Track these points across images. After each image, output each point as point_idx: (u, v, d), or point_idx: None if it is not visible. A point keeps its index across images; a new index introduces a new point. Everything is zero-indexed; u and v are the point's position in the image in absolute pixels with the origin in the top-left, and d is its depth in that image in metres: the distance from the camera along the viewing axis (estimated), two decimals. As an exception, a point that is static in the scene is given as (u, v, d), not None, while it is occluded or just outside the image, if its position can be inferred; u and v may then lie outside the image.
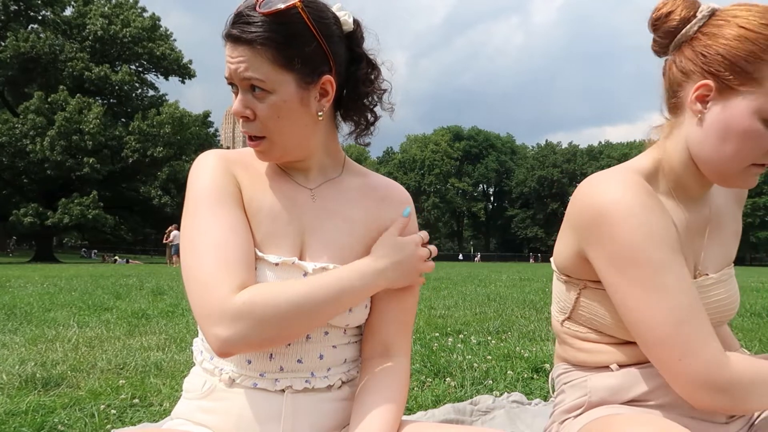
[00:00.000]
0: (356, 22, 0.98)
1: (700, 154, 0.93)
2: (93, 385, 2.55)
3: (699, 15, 0.92)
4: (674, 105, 0.97)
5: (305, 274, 0.94)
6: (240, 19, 0.88)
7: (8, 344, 3.63)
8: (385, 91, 1.03)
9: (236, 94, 0.92)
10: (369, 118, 1.04)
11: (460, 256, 59.85)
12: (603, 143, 69.31)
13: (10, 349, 3.48)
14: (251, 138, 0.94)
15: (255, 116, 0.91)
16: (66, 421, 2.05)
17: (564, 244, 1.02)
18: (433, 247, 1.02)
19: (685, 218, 0.98)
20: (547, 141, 73.43)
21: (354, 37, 0.98)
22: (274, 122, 0.91)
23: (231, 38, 0.89)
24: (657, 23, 0.96)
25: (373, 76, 1.01)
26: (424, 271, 1.00)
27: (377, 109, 1.04)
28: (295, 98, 0.91)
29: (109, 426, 2.01)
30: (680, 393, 0.88)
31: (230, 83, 0.92)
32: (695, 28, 0.92)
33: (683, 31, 0.93)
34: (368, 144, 1.08)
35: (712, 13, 0.91)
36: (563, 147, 70.72)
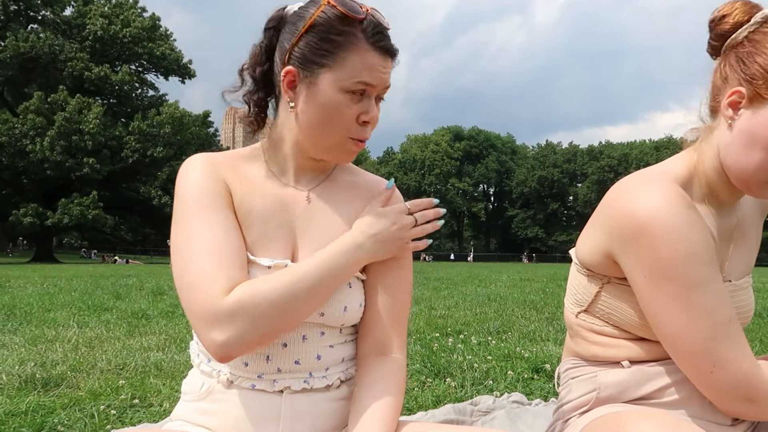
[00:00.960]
0: None
1: (726, 160, 0.93)
2: (93, 386, 2.54)
3: (751, 21, 0.92)
4: (713, 109, 0.97)
5: None
6: (386, 32, 0.94)
7: (8, 344, 3.63)
8: None
9: (357, 100, 0.94)
10: None
11: (452, 256, 59.60)
12: (603, 143, 69.29)
13: (9, 349, 3.48)
14: (362, 141, 0.97)
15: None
16: (66, 422, 2.05)
17: (591, 243, 1.01)
18: (421, 214, 1.02)
19: (716, 225, 0.98)
20: (547, 141, 73.50)
21: None
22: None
23: (388, 52, 0.94)
24: (712, 25, 0.96)
25: None
26: (411, 237, 1.00)
27: None
28: None
29: (108, 426, 2.01)
30: (711, 400, 0.91)
31: (361, 91, 0.93)
32: (744, 34, 0.92)
33: (733, 35, 0.93)
34: None
35: (765, 20, 0.91)
36: (564, 147, 70.74)
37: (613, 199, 0.95)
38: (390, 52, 0.94)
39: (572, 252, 1.10)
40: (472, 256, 59.04)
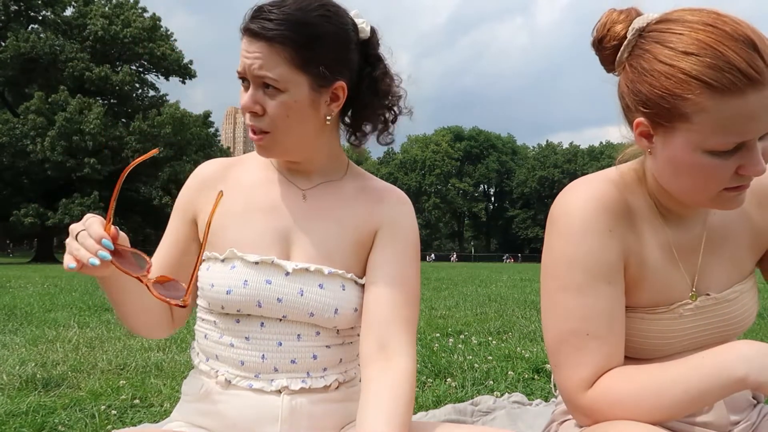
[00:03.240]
0: (373, 30, 0.99)
1: (663, 185, 0.88)
2: (93, 386, 2.54)
3: (629, 36, 0.83)
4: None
5: (287, 274, 0.93)
6: (260, 14, 0.88)
7: (9, 345, 3.63)
8: (400, 97, 1.03)
9: (246, 88, 0.92)
10: (380, 123, 1.03)
11: (432, 256, 59.45)
12: (604, 143, 69.24)
13: (10, 349, 3.48)
14: (255, 132, 0.93)
15: (264, 112, 0.91)
16: (66, 422, 2.05)
17: None
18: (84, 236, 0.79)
19: (668, 238, 0.93)
20: (548, 141, 73.42)
21: (370, 44, 0.99)
22: (282, 120, 0.92)
23: (249, 33, 0.89)
24: (595, 49, 0.89)
25: (386, 85, 1.00)
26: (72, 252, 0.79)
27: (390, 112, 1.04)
28: (306, 100, 0.92)
29: (109, 426, 2.01)
30: None
31: (242, 77, 0.92)
32: (626, 56, 0.84)
33: (618, 55, 0.86)
34: (391, 143, 1.07)
35: (640, 35, 0.82)
36: (564, 147, 70.71)
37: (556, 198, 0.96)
38: (250, 32, 0.88)
39: None
40: (455, 256, 59.28)
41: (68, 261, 0.77)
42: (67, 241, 0.79)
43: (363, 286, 0.99)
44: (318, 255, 0.96)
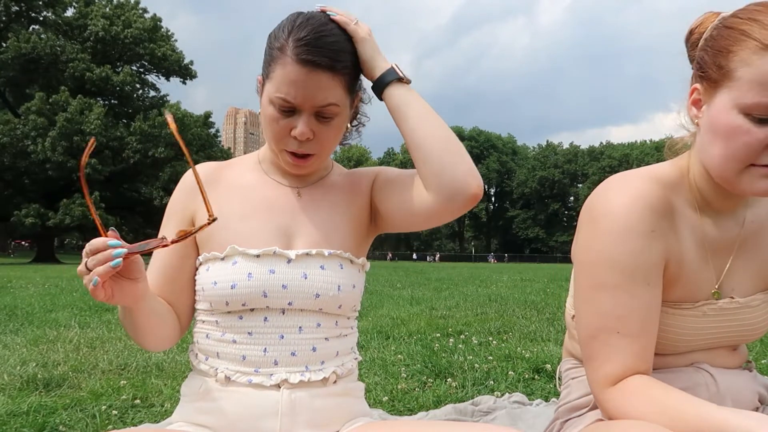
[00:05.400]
0: None
1: (703, 161, 0.90)
2: (94, 386, 2.55)
3: (715, 22, 0.89)
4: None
5: (289, 261, 0.96)
6: (315, 43, 0.89)
7: (10, 345, 3.64)
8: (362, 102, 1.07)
9: (287, 114, 0.93)
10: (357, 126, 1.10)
11: (414, 256, 60.15)
12: (604, 143, 69.21)
13: (11, 349, 3.49)
14: (301, 156, 0.96)
15: (314, 137, 0.94)
16: (67, 422, 2.05)
17: (575, 240, 1.02)
18: (92, 258, 0.79)
19: (705, 234, 0.94)
20: (548, 141, 73.40)
21: None
22: (332, 141, 0.97)
23: (310, 64, 0.89)
24: (686, 40, 0.95)
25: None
26: (87, 284, 0.80)
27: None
28: (347, 118, 0.98)
29: (110, 426, 2.01)
30: None
31: (291, 108, 0.92)
32: (706, 36, 0.90)
33: (699, 44, 0.92)
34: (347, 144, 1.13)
35: (720, 22, 0.88)
36: (564, 147, 70.67)
37: (592, 192, 0.96)
38: (312, 64, 0.89)
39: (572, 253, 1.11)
40: (438, 256, 60.81)
41: (88, 282, 0.78)
42: (84, 277, 0.79)
43: (357, 265, 1.04)
44: (318, 240, 1.00)
